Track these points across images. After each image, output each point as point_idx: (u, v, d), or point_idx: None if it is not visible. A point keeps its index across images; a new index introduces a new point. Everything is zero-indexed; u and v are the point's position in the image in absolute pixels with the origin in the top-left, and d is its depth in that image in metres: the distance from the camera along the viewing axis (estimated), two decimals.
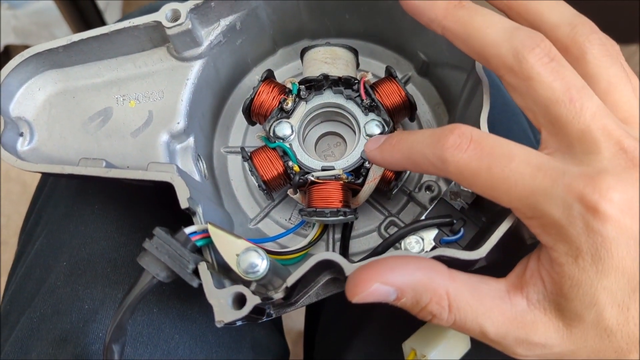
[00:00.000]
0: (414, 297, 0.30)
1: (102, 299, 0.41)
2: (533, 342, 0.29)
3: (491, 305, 0.30)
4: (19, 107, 0.41)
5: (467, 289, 0.30)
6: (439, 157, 0.29)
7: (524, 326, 0.29)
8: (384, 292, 0.30)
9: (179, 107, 0.42)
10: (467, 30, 0.31)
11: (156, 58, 0.42)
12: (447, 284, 0.30)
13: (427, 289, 0.29)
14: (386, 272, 0.30)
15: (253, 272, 0.33)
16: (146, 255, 0.33)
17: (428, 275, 0.30)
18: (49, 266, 0.44)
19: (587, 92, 0.29)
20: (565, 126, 0.28)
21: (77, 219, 0.45)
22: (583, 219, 0.26)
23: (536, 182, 0.27)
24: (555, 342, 0.29)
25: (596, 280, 0.27)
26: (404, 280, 0.30)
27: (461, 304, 0.29)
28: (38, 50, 0.40)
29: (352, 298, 0.30)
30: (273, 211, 0.46)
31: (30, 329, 0.41)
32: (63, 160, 0.40)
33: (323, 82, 0.43)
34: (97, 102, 0.42)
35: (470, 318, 0.29)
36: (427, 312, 0.30)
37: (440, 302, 0.29)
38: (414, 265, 0.30)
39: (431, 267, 0.30)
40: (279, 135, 0.42)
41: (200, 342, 0.43)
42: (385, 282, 0.29)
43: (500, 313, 0.29)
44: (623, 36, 1.26)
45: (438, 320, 0.30)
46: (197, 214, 0.36)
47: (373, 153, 0.34)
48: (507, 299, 0.30)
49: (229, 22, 0.43)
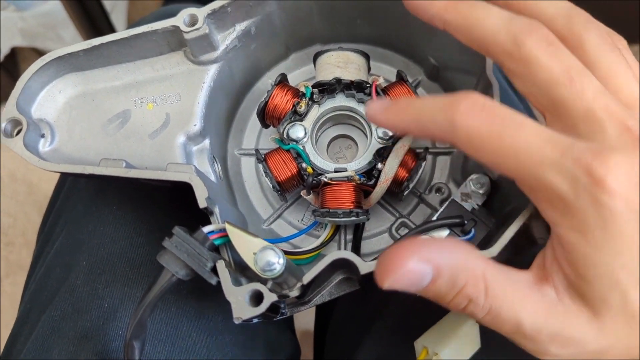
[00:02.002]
0: (450, 278, 0.28)
1: (122, 297, 0.42)
2: (567, 336, 0.28)
3: (526, 294, 0.28)
4: (41, 109, 0.42)
5: (502, 274, 0.28)
6: (450, 121, 0.28)
7: (557, 317, 0.28)
8: (420, 272, 0.27)
9: (195, 110, 0.43)
10: (467, 21, 0.31)
11: (173, 62, 0.43)
12: (484, 266, 0.28)
13: (465, 268, 0.28)
14: (423, 248, 0.28)
15: (270, 270, 0.34)
16: (166, 254, 0.34)
17: (466, 255, 0.28)
18: (68, 265, 0.44)
19: (586, 74, 0.29)
20: (567, 107, 0.28)
21: (96, 219, 0.46)
22: (590, 192, 0.26)
23: (545, 152, 0.27)
24: (589, 336, 0.28)
25: (612, 259, 0.27)
26: (443, 258, 0.28)
27: (497, 289, 0.28)
28: (59, 54, 0.41)
29: (383, 282, 0.27)
30: (286, 212, 0.47)
31: (52, 327, 0.42)
32: (83, 160, 0.41)
33: (335, 86, 0.44)
34: (116, 105, 0.43)
35: (507, 307, 0.28)
36: (464, 297, 0.28)
37: (478, 284, 0.28)
38: (450, 243, 0.29)
39: (466, 247, 0.29)
40: (292, 138, 0.43)
41: (217, 341, 0.43)
42: (423, 259, 0.27)
43: (534, 302, 0.28)
44: (625, 37, 1.26)
45: (473, 306, 0.28)
46: (215, 213, 0.37)
47: (376, 112, 0.32)
48: (537, 289, 0.29)
49: (244, 27, 0.44)
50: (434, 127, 0.29)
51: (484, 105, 0.28)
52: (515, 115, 0.28)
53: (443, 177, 0.47)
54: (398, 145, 0.42)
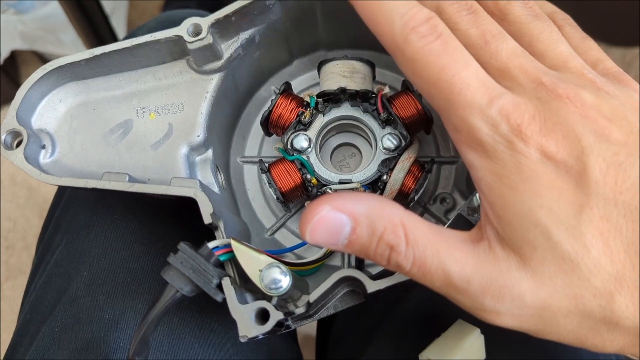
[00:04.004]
0: (369, 225, 0.28)
1: (123, 308, 0.41)
2: (499, 284, 0.27)
3: (453, 243, 0.29)
4: (41, 119, 0.41)
5: (425, 224, 0.29)
6: (404, 34, 0.28)
7: (487, 266, 0.28)
8: (337, 220, 0.28)
9: (198, 120, 0.42)
10: None
11: (176, 71, 0.43)
12: (400, 213, 0.28)
13: (381, 215, 0.28)
14: (337, 198, 0.28)
15: (276, 288, 0.33)
16: (170, 270, 0.34)
17: (381, 204, 0.29)
18: (69, 275, 0.44)
19: (502, 36, 0.30)
20: (484, 67, 0.29)
21: (97, 228, 0.45)
22: (507, 137, 0.27)
23: (477, 96, 0.28)
24: (523, 285, 0.27)
25: (528, 198, 0.27)
26: (357, 207, 0.28)
27: (419, 235, 0.28)
28: (60, 64, 0.40)
29: (304, 234, 0.28)
30: (289, 221, 0.47)
31: (52, 338, 0.41)
32: (85, 171, 0.40)
33: (341, 96, 0.43)
34: (118, 114, 0.42)
35: (431, 254, 0.28)
36: (385, 244, 0.28)
37: (396, 230, 0.28)
38: (367, 195, 0.29)
39: (382, 197, 0.30)
40: (296, 148, 0.43)
41: (219, 352, 0.43)
42: (337, 207, 0.28)
43: (462, 252, 0.28)
44: (625, 40, 1.26)
45: (397, 255, 0.28)
46: (219, 228, 0.37)
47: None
48: (470, 245, 0.29)
49: (248, 36, 0.43)
50: (387, 29, 0.29)
51: (442, 35, 0.28)
52: (464, 53, 0.29)
53: (448, 187, 0.47)
54: (404, 156, 0.41)
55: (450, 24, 0.30)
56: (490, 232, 0.29)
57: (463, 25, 0.31)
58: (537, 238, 0.27)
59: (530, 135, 0.27)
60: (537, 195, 0.27)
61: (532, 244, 0.27)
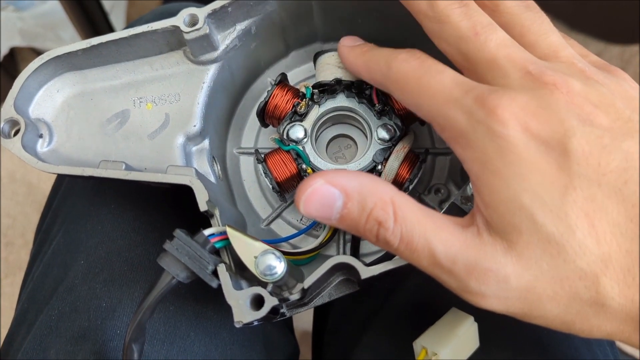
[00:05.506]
0: (359, 201, 0.29)
1: (120, 297, 0.42)
2: (484, 267, 0.28)
3: (441, 225, 0.29)
4: (39, 109, 0.42)
5: (416, 205, 0.30)
6: (388, 65, 0.33)
7: (473, 248, 0.28)
8: (329, 193, 0.29)
9: (195, 110, 0.42)
10: None
11: (173, 61, 0.43)
12: (391, 192, 0.30)
13: (372, 192, 0.29)
14: (330, 174, 0.30)
15: (271, 274, 0.33)
16: (166, 256, 0.34)
17: (374, 182, 0.30)
18: (66, 265, 0.44)
19: (492, 27, 0.31)
20: (474, 59, 0.31)
21: (94, 218, 0.46)
22: (484, 123, 0.28)
23: (453, 93, 0.29)
24: (508, 268, 0.27)
25: (512, 183, 0.27)
26: (350, 183, 0.30)
27: (407, 214, 0.29)
28: (57, 54, 0.41)
29: (298, 205, 0.30)
30: (285, 212, 0.47)
31: (49, 326, 0.41)
32: (82, 161, 0.41)
33: (336, 87, 0.43)
34: (115, 104, 0.43)
35: (418, 232, 0.29)
36: (374, 220, 0.29)
37: (385, 207, 0.29)
38: (361, 174, 0.31)
39: (378, 178, 0.32)
40: (292, 138, 0.43)
41: (215, 340, 0.43)
42: (329, 182, 0.29)
43: (450, 234, 0.29)
44: (624, 37, 1.27)
45: (384, 231, 0.29)
46: (215, 216, 0.37)
47: (344, 50, 0.39)
48: (458, 227, 0.30)
49: (245, 27, 0.44)
50: (377, 69, 0.35)
51: (420, 57, 0.32)
52: (439, 65, 0.31)
53: (442, 178, 0.47)
54: (398, 146, 0.42)
55: (442, 17, 0.32)
56: (479, 219, 0.29)
57: (454, 18, 0.31)
58: (523, 222, 0.27)
59: (508, 117, 0.27)
60: (521, 179, 0.27)
61: (518, 228, 0.27)
